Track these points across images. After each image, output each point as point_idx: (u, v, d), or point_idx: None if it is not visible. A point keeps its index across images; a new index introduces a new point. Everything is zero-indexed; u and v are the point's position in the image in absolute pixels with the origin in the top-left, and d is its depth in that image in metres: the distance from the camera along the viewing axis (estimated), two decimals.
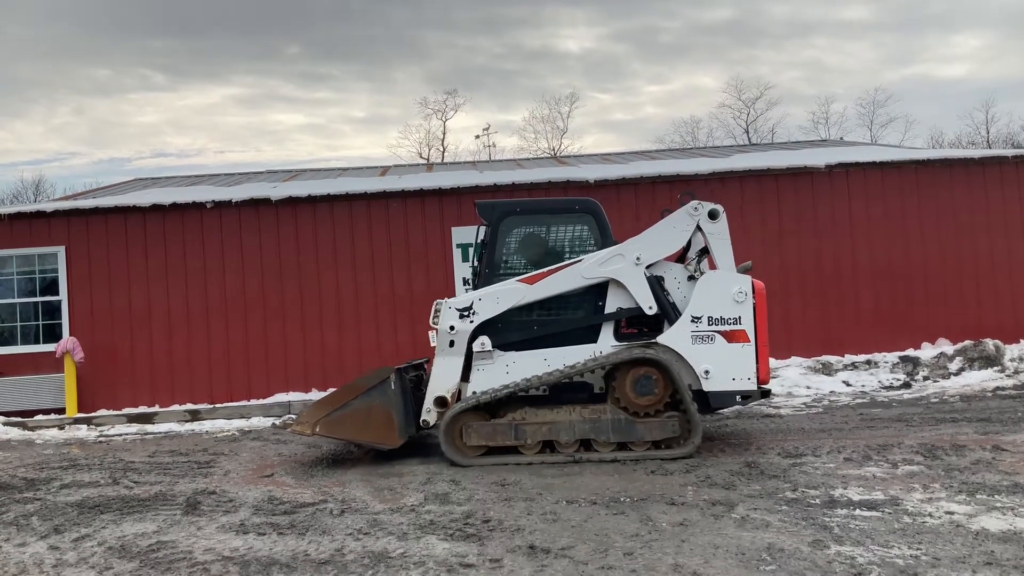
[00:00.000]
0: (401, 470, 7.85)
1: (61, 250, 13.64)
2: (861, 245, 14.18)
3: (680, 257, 8.75)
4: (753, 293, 8.07)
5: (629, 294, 8.24)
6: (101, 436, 11.62)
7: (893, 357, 13.15)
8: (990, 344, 12.82)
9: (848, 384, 12.46)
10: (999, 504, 5.59)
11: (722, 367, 7.97)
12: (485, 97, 71.00)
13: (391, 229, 13.90)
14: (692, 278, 8.34)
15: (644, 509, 5.91)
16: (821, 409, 10.69)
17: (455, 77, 72.56)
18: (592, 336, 8.30)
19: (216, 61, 71.36)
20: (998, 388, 11.48)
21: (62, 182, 64.30)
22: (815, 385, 12.39)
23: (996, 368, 12.45)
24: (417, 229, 13.78)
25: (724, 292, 8.04)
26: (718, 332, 8.01)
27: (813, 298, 14.05)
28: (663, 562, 4.74)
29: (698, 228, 8.33)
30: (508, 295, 8.26)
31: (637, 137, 70.82)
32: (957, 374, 12.47)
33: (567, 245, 8.78)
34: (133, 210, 13.79)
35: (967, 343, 13.00)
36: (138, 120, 71.72)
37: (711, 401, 8.03)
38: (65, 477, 8.16)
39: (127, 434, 11.66)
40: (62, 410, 13.02)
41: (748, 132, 51.07)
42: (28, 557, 5.45)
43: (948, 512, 5.45)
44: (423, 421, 8.33)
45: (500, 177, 14.95)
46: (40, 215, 13.75)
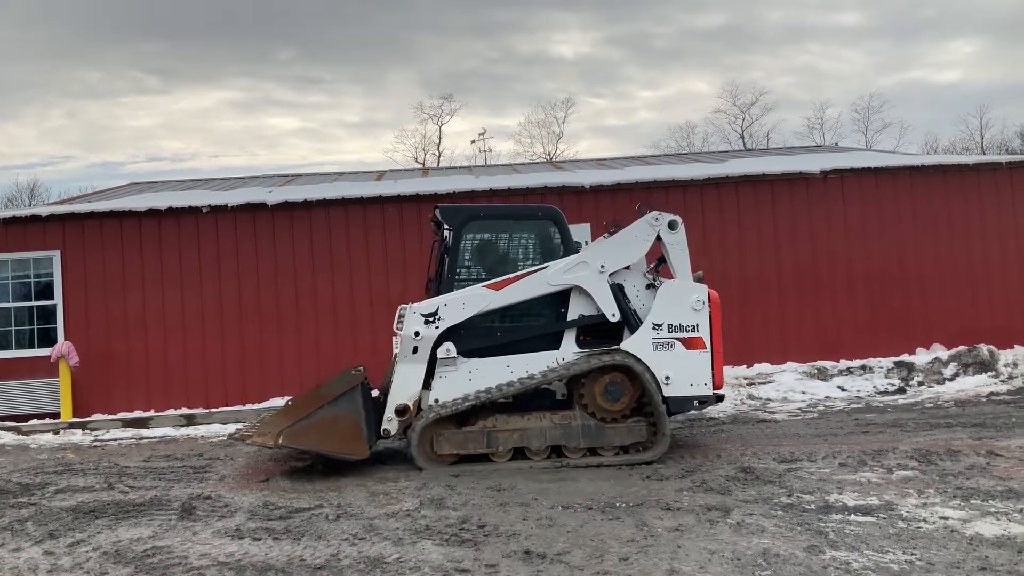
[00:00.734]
0: (396, 475, 7.85)
1: (56, 254, 13.61)
2: (856, 250, 14.21)
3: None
4: (708, 302, 8.30)
5: (590, 301, 8.35)
6: (96, 441, 11.59)
7: (888, 362, 13.18)
8: (984, 349, 12.86)
9: (843, 389, 12.48)
10: (993, 509, 5.61)
11: (681, 373, 8.16)
12: (479, 101, 71.20)
13: (387, 234, 13.90)
14: (651, 286, 8.53)
15: (640, 514, 5.92)
16: (816, 414, 10.71)
17: (449, 81, 72.63)
18: (555, 343, 8.36)
19: (210, 64, 71.42)
20: (992, 393, 11.51)
21: (56, 186, 64.31)
22: (810, 390, 12.42)
23: (990, 373, 12.49)
24: (413, 234, 13.77)
25: (684, 301, 8.27)
26: (677, 339, 8.22)
27: (808, 303, 14.07)
28: (659, 567, 4.75)
29: (658, 238, 8.55)
30: (474, 301, 8.20)
31: (631, 142, 71.02)
32: (952, 379, 12.50)
33: (529, 252, 8.79)
34: (129, 214, 13.77)
35: (961, 348, 13.03)
36: (131, 124, 71.71)
37: (671, 406, 8.20)
38: (60, 482, 8.14)
39: (122, 439, 11.63)
40: (57, 415, 12.98)
41: (743, 137, 51.18)
42: (23, 562, 5.44)
43: (942, 517, 5.47)
44: (384, 430, 8.17)
45: (495, 182, 14.96)
46: (35, 219, 13.72)
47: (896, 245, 14.23)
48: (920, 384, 12.51)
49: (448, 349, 8.14)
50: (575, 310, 8.40)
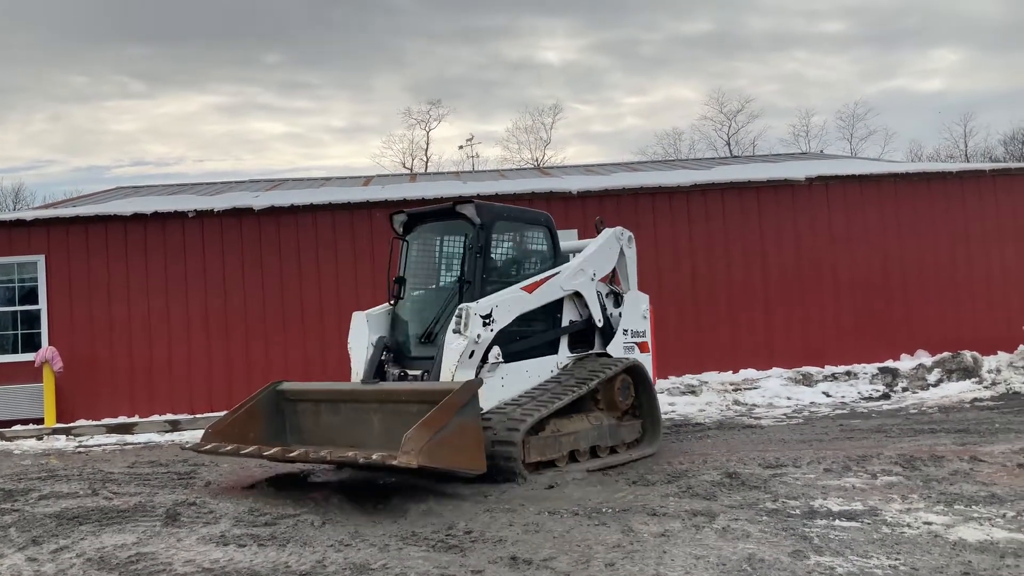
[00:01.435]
0: (383, 480, 7.82)
1: (41, 259, 13.54)
2: (841, 257, 14.31)
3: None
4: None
5: (576, 307, 8.60)
6: (80, 446, 11.52)
7: (872, 368, 13.26)
8: (968, 356, 12.95)
9: (828, 395, 12.55)
10: (976, 514, 5.64)
11: None
12: (466, 107, 71.35)
13: (375, 239, 13.89)
14: (612, 294, 9.27)
15: (626, 519, 5.92)
16: (802, 420, 10.75)
17: (435, 87, 72.82)
18: (554, 348, 8.46)
19: (195, 69, 71.25)
20: (976, 399, 11.59)
21: (40, 190, 63.85)
22: (796, 396, 12.48)
23: (974, 379, 12.57)
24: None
25: (639, 309, 9.41)
26: (635, 343, 9.21)
27: (794, 309, 14.15)
28: (645, 572, 4.75)
29: (621, 251, 9.32)
30: (516, 303, 7.90)
31: (618, 148, 71.23)
32: (935, 385, 12.58)
33: (530, 256, 8.76)
34: (114, 219, 13.72)
35: (945, 355, 13.12)
36: (116, 128, 71.44)
37: None
38: (43, 488, 8.07)
39: (106, 445, 11.56)
40: (41, 420, 12.90)
41: (730, 144, 51.45)
42: (6, 569, 5.40)
43: (926, 522, 5.50)
44: None
45: (483, 188, 14.99)
46: (20, 223, 13.65)
47: (880, 252, 14.33)
48: (904, 390, 12.59)
49: (497, 354, 7.70)
50: (567, 316, 8.55)
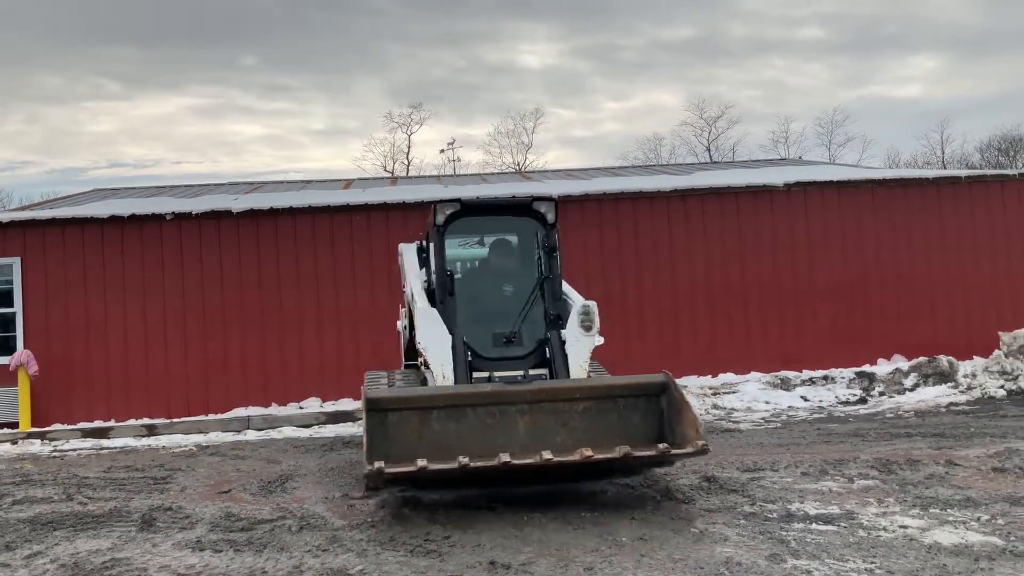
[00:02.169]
0: (360, 485, 7.78)
1: (16, 261, 13.39)
2: (819, 262, 14.41)
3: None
4: None
5: None
6: (55, 451, 11.39)
7: (850, 373, 13.35)
8: (944, 360, 13.05)
9: (806, 399, 12.61)
10: (952, 518, 5.69)
11: None
12: (447, 110, 71.32)
13: (355, 242, 13.84)
14: None
15: (604, 524, 5.92)
16: (779, 424, 10.81)
17: (416, 90, 72.75)
18: None
19: (173, 70, 70.81)
20: (952, 404, 11.69)
21: (17, 192, 63.12)
22: (774, 400, 12.53)
23: (950, 384, 12.68)
24: (381, 243, 13.70)
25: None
26: None
27: (772, 314, 14.23)
28: None
29: None
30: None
31: (598, 153, 71.45)
32: (912, 390, 12.68)
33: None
34: (91, 221, 13.59)
35: (922, 359, 13.22)
36: (93, 129, 70.85)
37: None
38: (17, 493, 7.98)
39: (82, 449, 11.44)
40: (15, 424, 12.75)
41: (710, 150, 51.74)
42: None
43: (902, 526, 5.54)
44: None
45: (465, 191, 14.98)
46: None
47: (858, 257, 14.45)
48: (881, 394, 12.68)
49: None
50: None
